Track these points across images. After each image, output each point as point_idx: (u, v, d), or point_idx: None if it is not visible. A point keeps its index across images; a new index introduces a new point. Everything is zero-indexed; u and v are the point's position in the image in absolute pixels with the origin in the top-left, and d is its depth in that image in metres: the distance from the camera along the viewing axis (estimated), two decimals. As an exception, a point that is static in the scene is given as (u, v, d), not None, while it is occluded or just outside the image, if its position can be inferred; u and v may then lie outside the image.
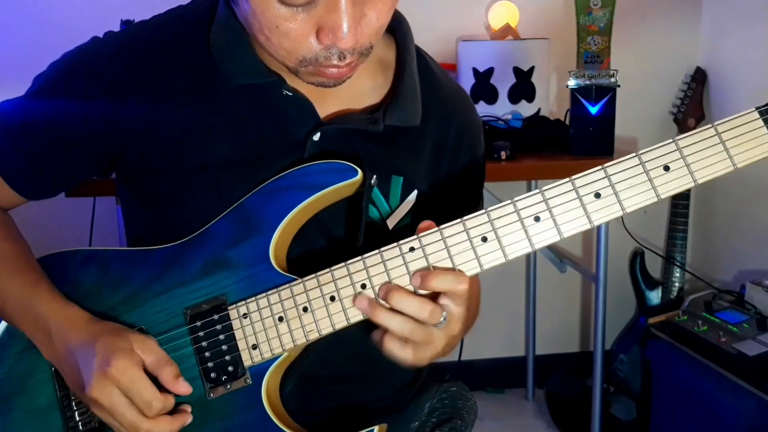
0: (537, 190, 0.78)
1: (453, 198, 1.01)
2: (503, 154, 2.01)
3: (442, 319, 0.79)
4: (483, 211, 0.79)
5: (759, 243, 2.31)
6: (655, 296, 2.48)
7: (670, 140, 0.75)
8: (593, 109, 2.05)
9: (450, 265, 0.80)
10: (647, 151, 0.75)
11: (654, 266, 2.53)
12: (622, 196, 0.76)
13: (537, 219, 0.77)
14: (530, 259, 2.59)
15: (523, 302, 2.68)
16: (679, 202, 2.43)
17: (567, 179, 0.77)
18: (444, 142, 0.99)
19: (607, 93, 2.05)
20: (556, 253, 2.52)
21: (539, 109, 2.25)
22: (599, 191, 0.76)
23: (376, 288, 0.81)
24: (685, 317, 2.06)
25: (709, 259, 2.57)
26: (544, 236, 0.78)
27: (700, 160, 0.74)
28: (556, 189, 0.77)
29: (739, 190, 2.40)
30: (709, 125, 0.75)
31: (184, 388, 0.85)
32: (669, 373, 2.05)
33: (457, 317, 0.81)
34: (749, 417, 1.79)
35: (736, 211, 2.43)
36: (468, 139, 1.02)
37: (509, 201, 0.78)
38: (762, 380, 1.78)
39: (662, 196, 0.75)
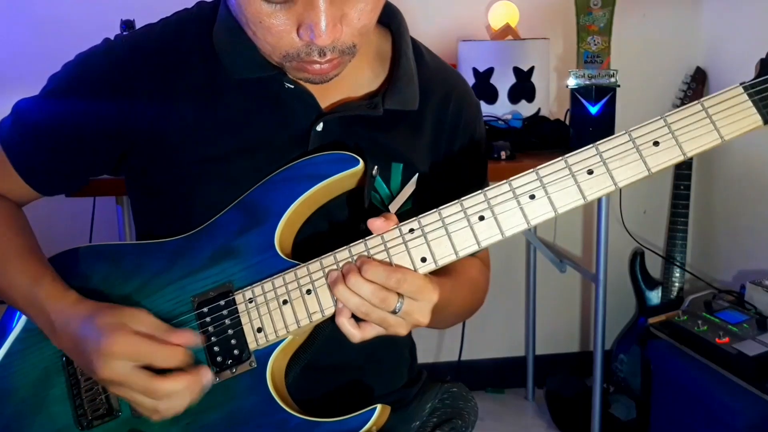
0: (532, 170, 0.80)
1: (455, 178, 1.03)
2: (503, 154, 2.00)
3: (398, 305, 0.80)
4: (480, 191, 0.81)
5: (759, 243, 2.31)
6: (655, 296, 2.48)
7: (659, 117, 0.77)
8: (593, 109, 2.05)
9: (449, 245, 0.81)
10: (637, 128, 0.78)
11: (654, 266, 2.53)
12: (614, 171, 0.78)
13: (532, 197, 0.80)
14: (530, 259, 2.59)
15: (523, 302, 2.68)
16: (679, 203, 2.43)
17: (560, 158, 0.79)
18: (442, 121, 1.02)
19: (607, 93, 2.05)
20: (556, 253, 2.52)
21: (539, 109, 2.25)
22: (592, 168, 0.79)
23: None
24: (685, 317, 2.06)
25: (709, 259, 2.57)
26: (540, 212, 0.80)
27: (687, 133, 0.77)
28: (550, 167, 0.80)
29: (739, 190, 2.40)
30: (696, 101, 0.77)
31: (187, 336, 0.85)
32: (669, 373, 2.04)
33: (413, 310, 0.81)
34: (749, 417, 1.78)
35: (736, 211, 2.43)
36: (466, 117, 1.04)
37: (505, 181, 0.80)
38: (762, 380, 1.77)
39: (653, 170, 0.78)
